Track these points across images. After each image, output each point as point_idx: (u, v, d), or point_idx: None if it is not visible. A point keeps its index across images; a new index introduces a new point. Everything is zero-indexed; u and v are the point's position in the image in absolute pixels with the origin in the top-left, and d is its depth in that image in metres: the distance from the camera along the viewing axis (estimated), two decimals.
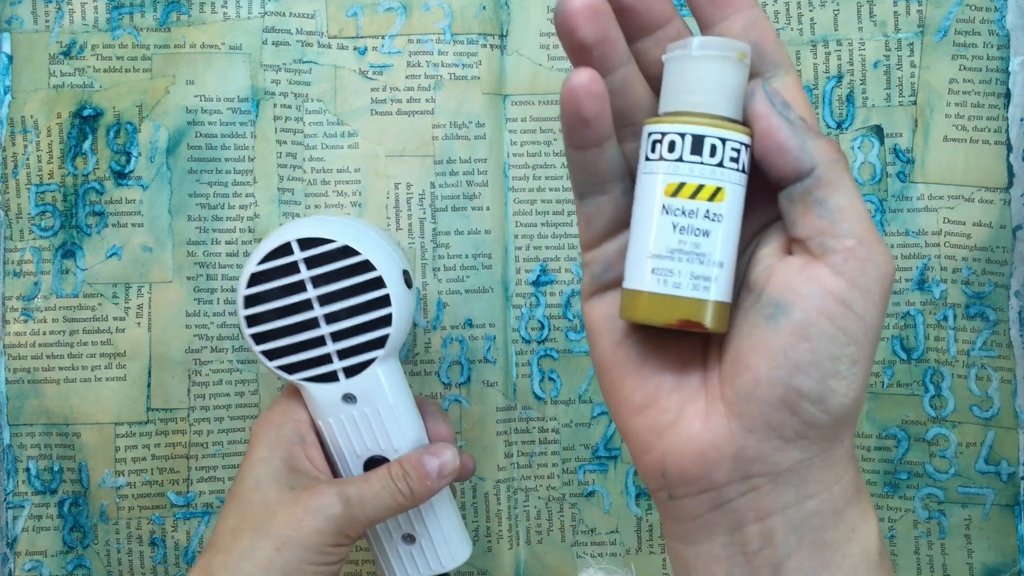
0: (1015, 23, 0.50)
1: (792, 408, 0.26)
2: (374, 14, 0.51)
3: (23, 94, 0.50)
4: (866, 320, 0.26)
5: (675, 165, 0.27)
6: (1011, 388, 0.50)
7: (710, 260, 0.27)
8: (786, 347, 0.26)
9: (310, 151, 0.51)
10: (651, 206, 0.27)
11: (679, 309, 0.27)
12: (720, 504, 0.28)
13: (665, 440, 0.28)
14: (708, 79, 0.27)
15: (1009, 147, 0.50)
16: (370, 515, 0.39)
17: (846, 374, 0.26)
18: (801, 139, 0.27)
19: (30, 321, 0.50)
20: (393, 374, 0.42)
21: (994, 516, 0.50)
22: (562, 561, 0.51)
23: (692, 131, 0.27)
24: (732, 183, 0.27)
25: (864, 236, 0.26)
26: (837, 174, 0.27)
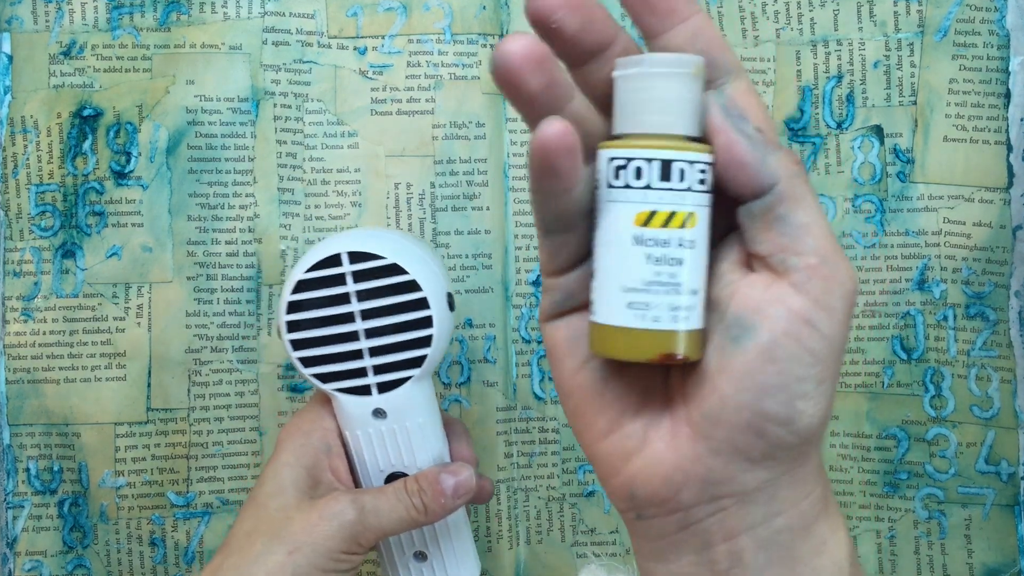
0: (1015, 23, 0.50)
1: (759, 431, 0.26)
2: (374, 14, 0.51)
3: (23, 94, 0.50)
4: (831, 339, 0.26)
5: (644, 193, 0.26)
6: (1011, 388, 0.50)
7: (686, 289, 0.26)
8: (753, 370, 0.25)
9: (310, 151, 0.51)
10: (621, 237, 0.26)
11: (658, 344, 0.26)
12: (688, 524, 0.27)
13: (632, 464, 0.28)
14: (666, 97, 0.26)
15: (1009, 147, 0.50)
16: (384, 526, 0.39)
17: (813, 394, 0.26)
18: (761, 154, 0.26)
19: (30, 321, 0.50)
20: (425, 394, 0.42)
21: (994, 516, 0.50)
22: (562, 561, 0.51)
23: (660, 155, 0.25)
24: (701, 206, 0.26)
25: (827, 253, 0.26)
26: (799, 189, 0.26)
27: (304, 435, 0.41)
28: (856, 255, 0.50)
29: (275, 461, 0.41)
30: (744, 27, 0.51)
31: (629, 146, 0.26)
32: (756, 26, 0.51)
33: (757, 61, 0.51)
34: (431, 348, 0.40)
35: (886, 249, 0.50)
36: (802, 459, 0.27)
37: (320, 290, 0.40)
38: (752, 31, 0.51)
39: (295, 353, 0.41)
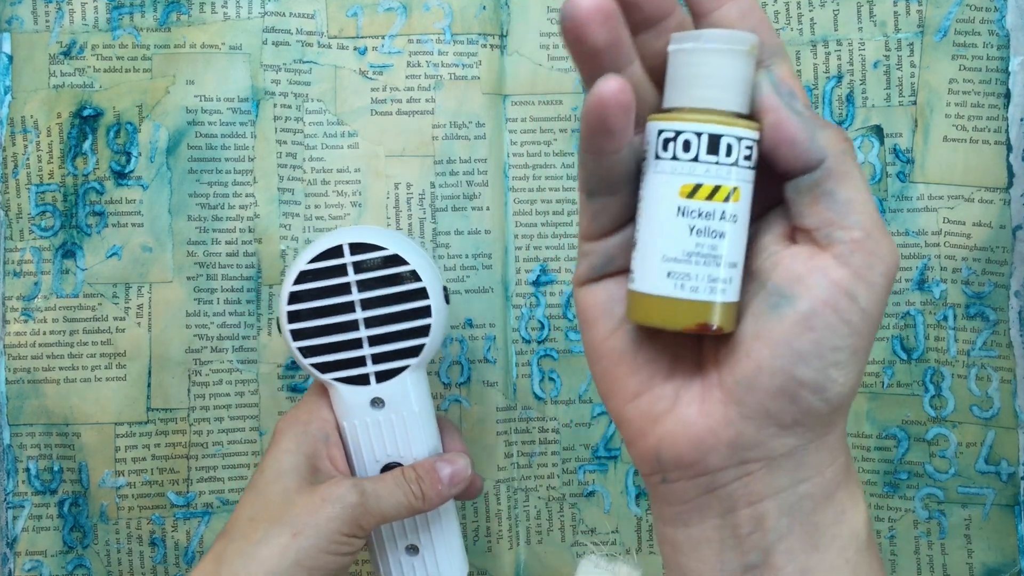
0: (1015, 23, 0.50)
1: (792, 397, 0.26)
2: (374, 14, 0.51)
3: (23, 94, 0.50)
4: (869, 312, 0.26)
5: (691, 165, 0.26)
6: (1011, 388, 0.50)
7: (725, 262, 0.26)
8: (790, 337, 0.26)
9: (310, 151, 0.51)
10: (666, 207, 0.26)
11: (696, 313, 0.26)
12: (713, 488, 0.28)
13: (661, 426, 0.28)
14: (720, 73, 0.26)
15: (1009, 147, 0.50)
16: (384, 510, 0.40)
17: (846, 364, 0.26)
18: (811, 131, 0.26)
19: (30, 321, 0.50)
20: (421, 384, 0.43)
21: (994, 516, 0.50)
22: (562, 561, 0.51)
23: (709, 130, 0.26)
24: (746, 182, 0.26)
25: (871, 228, 0.26)
26: (847, 165, 0.26)
27: (303, 424, 0.42)
28: None
29: (275, 448, 0.41)
30: None
31: (680, 119, 0.26)
32: None
33: None
34: (429, 338, 0.41)
35: None
36: (830, 427, 0.27)
37: (321, 280, 0.41)
38: None
39: (295, 343, 0.41)
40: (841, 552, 0.27)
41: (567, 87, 0.51)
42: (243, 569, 0.37)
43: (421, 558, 0.43)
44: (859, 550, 0.28)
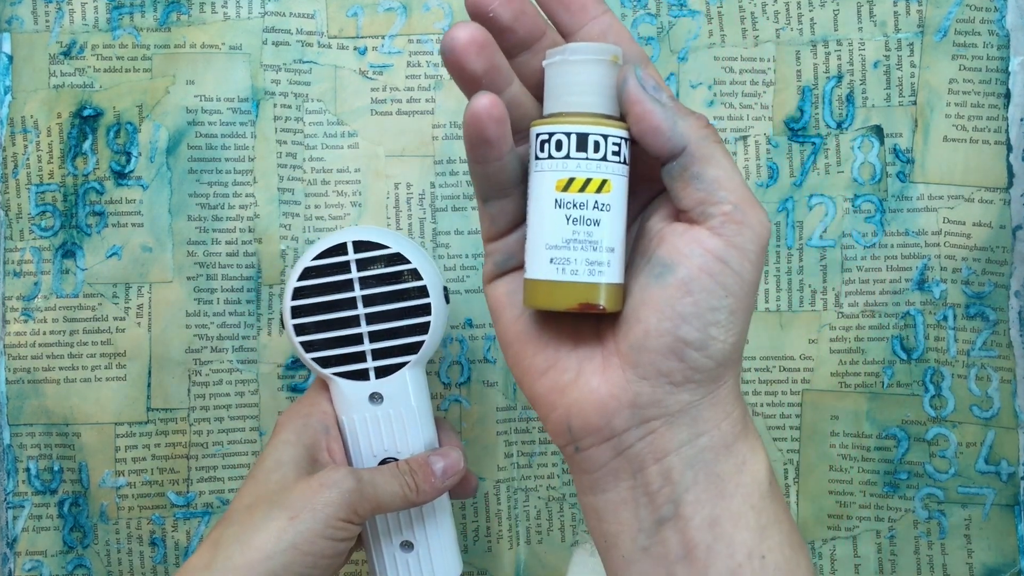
0: (1015, 23, 0.50)
1: (679, 355, 0.29)
2: (374, 14, 0.51)
3: (23, 94, 0.50)
4: (742, 275, 0.29)
5: (563, 162, 0.30)
6: (1011, 388, 0.50)
7: (602, 246, 0.30)
8: (672, 301, 0.29)
9: (310, 151, 0.51)
10: (545, 201, 0.30)
11: (577, 294, 0.30)
12: (622, 450, 0.30)
13: (568, 396, 0.31)
14: (586, 81, 0.30)
15: (1009, 147, 0.50)
16: (380, 498, 0.40)
17: (725, 323, 0.29)
18: (672, 120, 0.29)
19: (30, 321, 0.50)
20: (419, 381, 0.43)
21: (994, 516, 0.50)
22: (562, 561, 0.51)
23: (576, 130, 0.29)
24: (616, 175, 0.30)
25: (739, 201, 0.29)
26: (709, 148, 0.30)
27: (303, 417, 0.43)
28: (856, 255, 0.50)
29: (275, 440, 0.42)
30: (744, 27, 0.51)
31: (552, 122, 0.30)
32: (756, 26, 0.51)
33: (757, 61, 0.51)
34: (428, 336, 0.42)
35: (886, 249, 0.50)
36: (719, 382, 0.30)
37: (325, 277, 0.42)
38: (752, 31, 0.51)
39: (297, 338, 0.42)
40: (746, 499, 0.30)
41: None
42: (239, 554, 0.37)
43: (415, 554, 0.43)
44: (762, 496, 0.30)
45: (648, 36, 0.51)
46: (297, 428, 0.42)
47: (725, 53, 0.51)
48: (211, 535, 0.39)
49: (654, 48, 0.51)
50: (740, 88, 0.51)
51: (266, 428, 0.50)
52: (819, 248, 0.51)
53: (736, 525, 0.30)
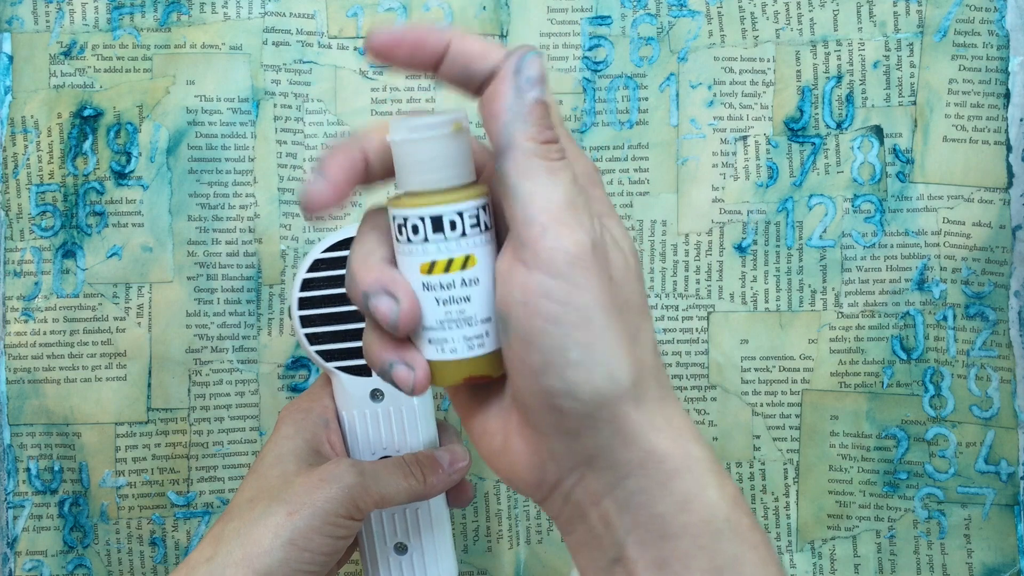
0: (1015, 23, 0.50)
1: (552, 407, 0.27)
2: (374, 14, 0.51)
3: (23, 94, 0.50)
4: (573, 304, 0.26)
5: (423, 246, 0.29)
6: (1011, 388, 0.50)
7: (476, 320, 0.29)
8: (521, 357, 0.27)
9: (310, 151, 0.51)
10: (415, 286, 0.29)
11: (461, 370, 0.29)
12: (567, 499, 0.30)
13: (504, 460, 0.30)
14: (432, 156, 0.28)
15: (1009, 147, 0.50)
16: (384, 492, 0.40)
17: (581, 359, 0.27)
18: (518, 113, 0.27)
19: (30, 321, 0.50)
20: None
21: (994, 516, 0.50)
22: (562, 561, 0.51)
23: (430, 212, 0.28)
24: (479, 246, 0.29)
25: (548, 222, 0.26)
26: (529, 162, 0.27)
27: (304, 411, 0.43)
28: (856, 255, 0.50)
29: (276, 434, 0.42)
30: (744, 27, 0.51)
31: (405, 205, 0.29)
32: (756, 26, 0.51)
33: (757, 61, 0.51)
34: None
35: (886, 249, 0.50)
36: (616, 422, 0.28)
37: (333, 270, 0.42)
38: (752, 31, 0.51)
39: (303, 330, 0.42)
40: (694, 540, 0.28)
41: (567, 87, 0.51)
42: (239, 548, 0.37)
43: (410, 557, 0.43)
44: (715, 535, 0.28)
45: (648, 36, 0.51)
46: (297, 422, 0.42)
47: (725, 53, 0.51)
48: (213, 530, 0.39)
49: (654, 48, 0.51)
50: (740, 88, 0.51)
51: (266, 428, 0.50)
52: (819, 248, 0.51)
53: (687, 567, 0.28)
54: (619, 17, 0.51)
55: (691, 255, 0.51)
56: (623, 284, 0.28)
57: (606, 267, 0.27)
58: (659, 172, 0.51)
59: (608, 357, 0.27)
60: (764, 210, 0.51)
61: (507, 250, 0.28)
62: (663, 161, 0.51)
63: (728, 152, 0.51)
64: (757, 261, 0.51)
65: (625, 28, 0.51)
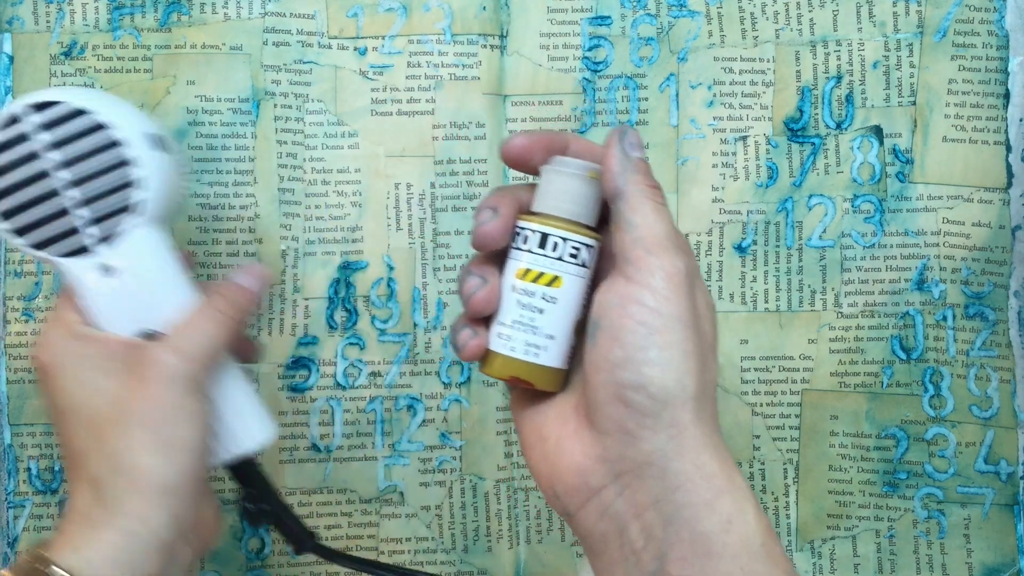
0: (1014, 23, 0.50)
1: (623, 400, 0.31)
2: (374, 14, 0.51)
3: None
4: (659, 311, 0.31)
5: (527, 255, 0.34)
6: (1010, 388, 0.50)
7: (542, 332, 0.34)
8: (605, 353, 0.31)
9: (310, 151, 0.51)
10: (507, 285, 0.34)
11: (513, 368, 0.34)
12: (605, 510, 0.32)
13: (550, 463, 0.33)
14: (563, 189, 0.34)
15: (1008, 147, 0.50)
16: (204, 347, 0.38)
17: (657, 359, 0.31)
18: (624, 167, 0.33)
19: (31, 321, 0.50)
20: (156, 243, 0.39)
21: (993, 516, 0.50)
22: (562, 561, 0.51)
23: (542, 230, 0.34)
24: (569, 274, 0.34)
25: (653, 246, 0.32)
26: (641, 199, 0.32)
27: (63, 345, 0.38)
28: (855, 255, 0.50)
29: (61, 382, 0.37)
30: (744, 27, 0.51)
31: (529, 220, 0.34)
32: (756, 26, 0.51)
33: (756, 61, 0.51)
34: (144, 191, 0.38)
35: (885, 249, 0.50)
36: (675, 426, 0.31)
37: (7, 152, 0.38)
38: (752, 31, 0.51)
39: (4, 224, 0.38)
40: (734, 560, 0.30)
41: (567, 87, 0.51)
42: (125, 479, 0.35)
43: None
44: (753, 557, 0.30)
45: (648, 36, 0.51)
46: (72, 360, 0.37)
47: (725, 53, 0.51)
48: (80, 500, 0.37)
49: (654, 48, 0.51)
50: (740, 88, 0.51)
51: None
52: (818, 248, 0.51)
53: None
54: (619, 17, 0.51)
55: None
56: (703, 318, 0.32)
57: (692, 297, 0.32)
58: (659, 172, 0.51)
59: (681, 365, 0.31)
60: (764, 210, 0.51)
61: (612, 274, 0.33)
62: (663, 161, 0.51)
63: (728, 152, 0.51)
64: (757, 261, 0.51)
65: (625, 28, 0.51)
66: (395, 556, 0.50)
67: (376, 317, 0.51)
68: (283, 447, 0.50)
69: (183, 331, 0.38)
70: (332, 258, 0.51)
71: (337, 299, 0.51)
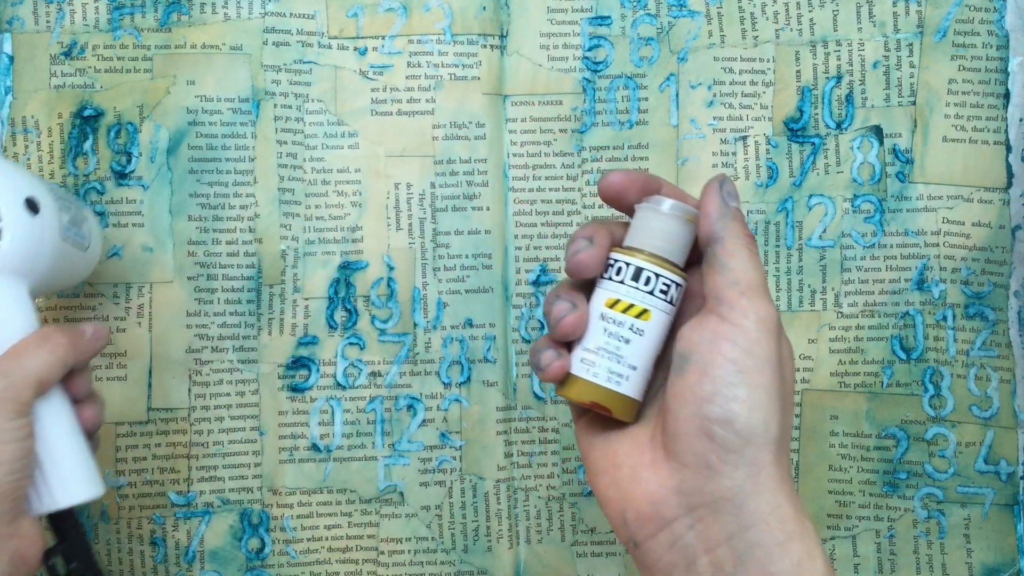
0: (1014, 23, 0.50)
1: (708, 434, 0.31)
2: (374, 14, 0.51)
3: (24, 94, 0.50)
4: (752, 353, 0.32)
5: (618, 286, 0.35)
6: (1010, 388, 0.50)
7: (626, 362, 0.35)
8: (693, 386, 0.32)
9: (310, 151, 0.51)
10: (595, 312, 0.35)
11: (592, 393, 0.35)
12: (675, 542, 0.32)
13: (622, 490, 0.34)
14: (659, 228, 0.35)
15: (1008, 147, 0.50)
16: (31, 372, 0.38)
17: (745, 398, 0.31)
18: (723, 214, 0.34)
19: None
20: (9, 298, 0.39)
21: (993, 516, 0.50)
22: (562, 561, 0.51)
23: (635, 263, 0.35)
24: (658, 309, 0.35)
25: (747, 290, 0.33)
26: (739, 246, 0.33)
27: None
28: (855, 255, 0.51)
29: None
30: (744, 27, 0.51)
31: (623, 253, 0.35)
32: (756, 26, 0.51)
33: (757, 61, 0.51)
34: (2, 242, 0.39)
35: (885, 249, 0.50)
36: (756, 465, 0.31)
37: None
38: (752, 31, 0.51)
39: None
40: None
41: (567, 87, 0.51)
42: None
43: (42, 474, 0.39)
44: None
45: (648, 36, 0.51)
46: None
47: (725, 53, 0.51)
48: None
49: (654, 48, 0.51)
50: (740, 88, 0.51)
51: (266, 428, 0.50)
52: (818, 248, 0.51)
53: None
54: (619, 17, 0.51)
55: None
56: (786, 366, 0.33)
57: (779, 345, 0.33)
58: (659, 172, 0.51)
59: (766, 405, 0.31)
60: (764, 210, 0.51)
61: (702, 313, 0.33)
62: (663, 161, 0.51)
63: (728, 152, 0.51)
64: None
65: (625, 28, 0.51)
66: (395, 556, 0.50)
67: (376, 317, 0.51)
68: (283, 447, 0.50)
69: (12, 353, 0.38)
70: (332, 258, 0.51)
71: (337, 299, 0.51)
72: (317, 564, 0.50)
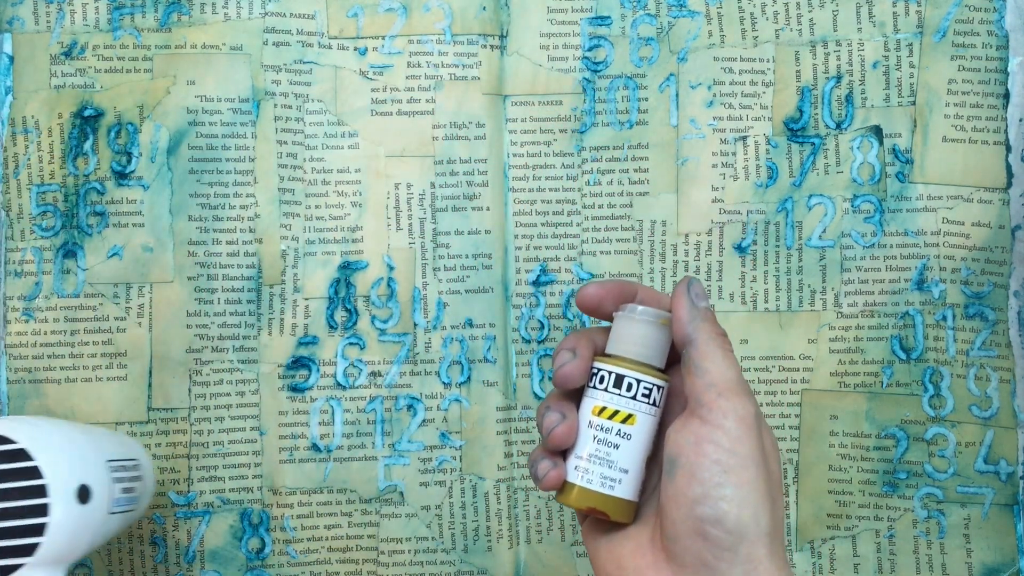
0: (1014, 23, 0.50)
1: (702, 534, 0.33)
2: (374, 15, 0.51)
3: (24, 94, 0.50)
4: (733, 451, 0.33)
5: (603, 394, 0.37)
6: (1010, 388, 0.50)
7: (617, 466, 0.36)
8: (683, 489, 0.33)
9: (311, 151, 0.51)
10: (584, 421, 0.37)
11: (590, 499, 0.36)
12: None
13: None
14: (636, 334, 0.37)
15: (1008, 147, 0.50)
16: None
17: (732, 496, 0.33)
18: (694, 317, 0.36)
19: (31, 321, 0.50)
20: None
21: (993, 516, 0.50)
22: (562, 561, 0.51)
23: (616, 371, 0.37)
24: (642, 412, 0.37)
25: (724, 391, 0.34)
26: (712, 347, 0.35)
27: None
28: (855, 255, 0.51)
29: None
30: (744, 27, 0.51)
31: (603, 362, 0.37)
32: (755, 26, 0.51)
33: (756, 61, 0.51)
34: (46, 536, 0.39)
35: (885, 249, 0.50)
36: (752, 562, 0.33)
37: None
38: (751, 31, 0.51)
39: None
40: None
41: (567, 87, 0.51)
42: None
43: None
44: None
45: (648, 36, 0.51)
46: None
47: (725, 53, 0.51)
48: None
49: (654, 48, 0.51)
50: (740, 88, 0.51)
51: (267, 428, 0.50)
52: (818, 248, 0.51)
53: None
54: (619, 17, 0.51)
55: (691, 255, 0.51)
56: (770, 458, 0.35)
57: (760, 438, 0.34)
58: (659, 172, 0.51)
59: (755, 501, 0.33)
60: (764, 210, 0.51)
61: (685, 414, 0.35)
62: (663, 161, 0.51)
63: (728, 152, 0.51)
64: (757, 261, 0.51)
65: (625, 28, 0.51)
66: (395, 556, 0.50)
67: (376, 317, 0.51)
68: (283, 447, 0.50)
69: None
70: (332, 258, 0.51)
71: (337, 299, 0.51)
72: (317, 564, 0.50)
